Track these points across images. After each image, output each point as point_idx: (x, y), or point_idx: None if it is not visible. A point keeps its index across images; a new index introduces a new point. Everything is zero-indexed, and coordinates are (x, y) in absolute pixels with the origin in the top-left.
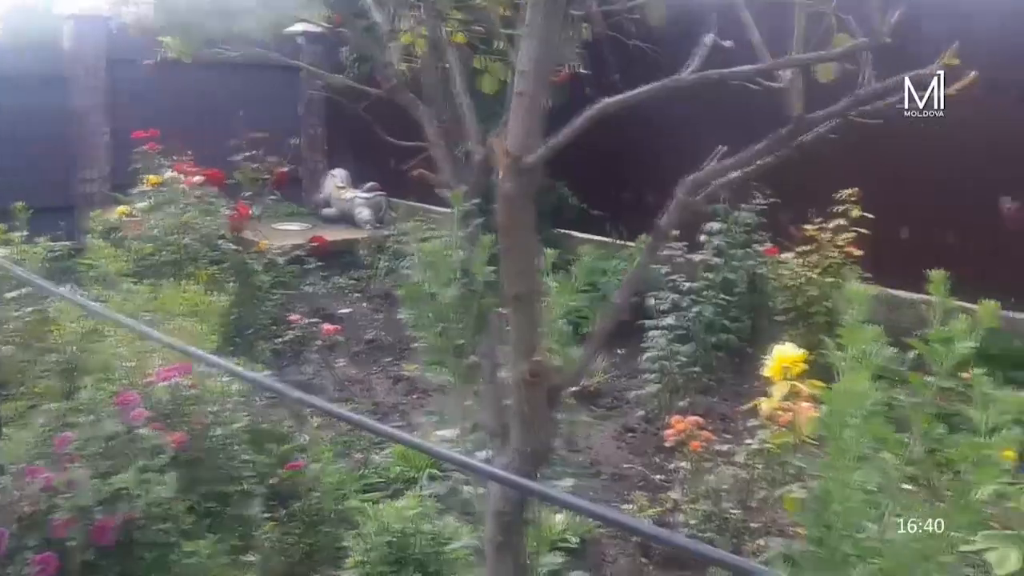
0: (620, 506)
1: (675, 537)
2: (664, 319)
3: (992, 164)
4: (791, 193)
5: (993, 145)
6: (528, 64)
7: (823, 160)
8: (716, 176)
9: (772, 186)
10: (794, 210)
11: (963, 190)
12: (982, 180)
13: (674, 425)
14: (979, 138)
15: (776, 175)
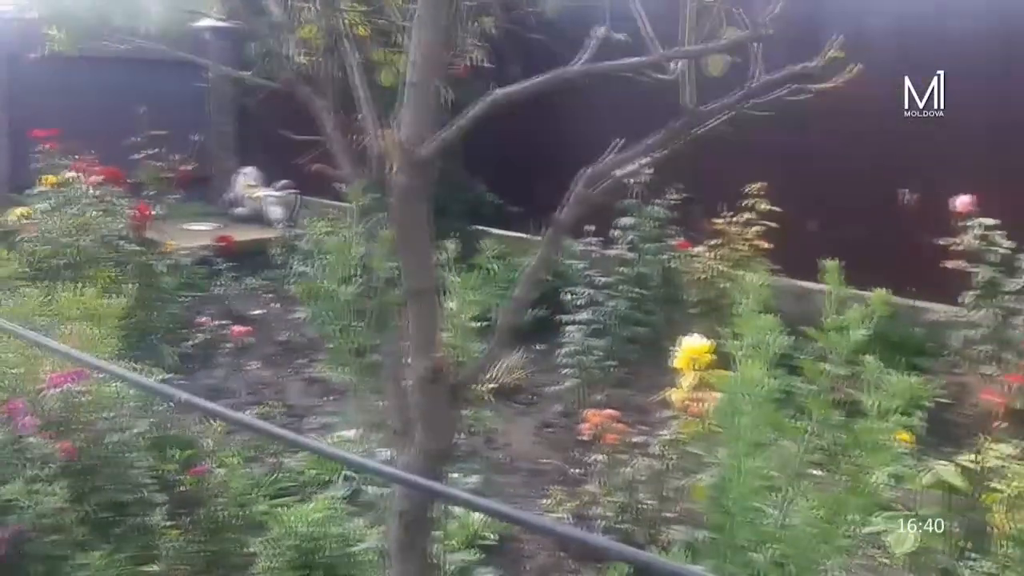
0: (538, 501)
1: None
2: (580, 314)
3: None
4: (702, 188)
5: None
6: (419, 55)
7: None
8: (614, 169)
9: (684, 181)
10: (705, 205)
11: (865, 183)
12: (882, 173)
13: (589, 419)
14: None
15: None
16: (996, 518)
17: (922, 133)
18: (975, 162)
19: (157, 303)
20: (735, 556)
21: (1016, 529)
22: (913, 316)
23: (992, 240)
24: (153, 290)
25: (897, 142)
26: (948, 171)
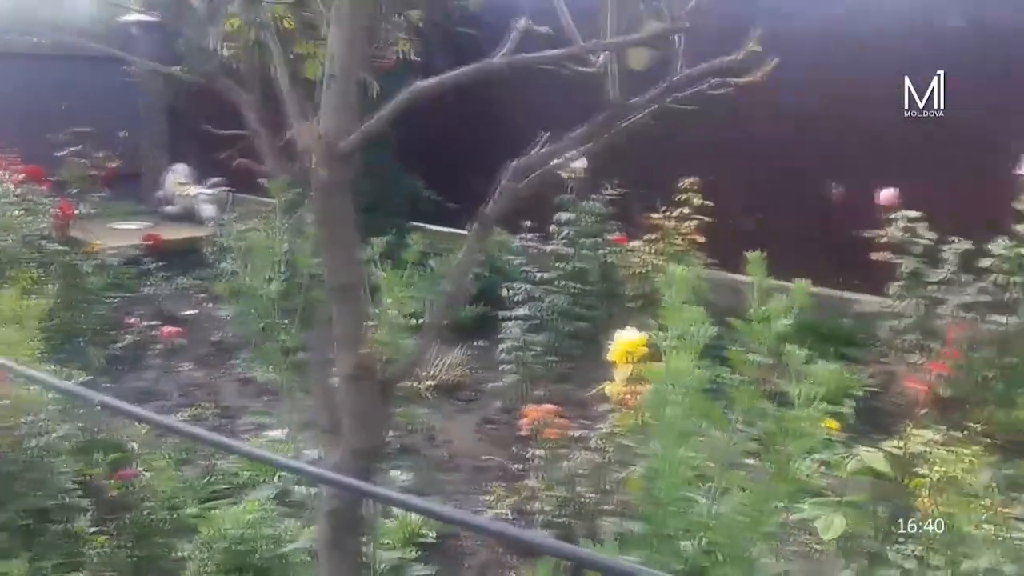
0: (479, 497)
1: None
2: (519, 310)
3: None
4: (639, 183)
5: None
6: (338, 46)
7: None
8: (542, 162)
9: (621, 177)
10: (642, 199)
11: (796, 177)
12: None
13: (528, 414)
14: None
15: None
16: (921, 502)
17: (849, 128)
18: (899, 156)
19: (83, 304)
20: (665, 546)
21: (940, 512)
22: (843, 307)
23: (916, 232)
24: (78, 291)
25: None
26: (874, 164)
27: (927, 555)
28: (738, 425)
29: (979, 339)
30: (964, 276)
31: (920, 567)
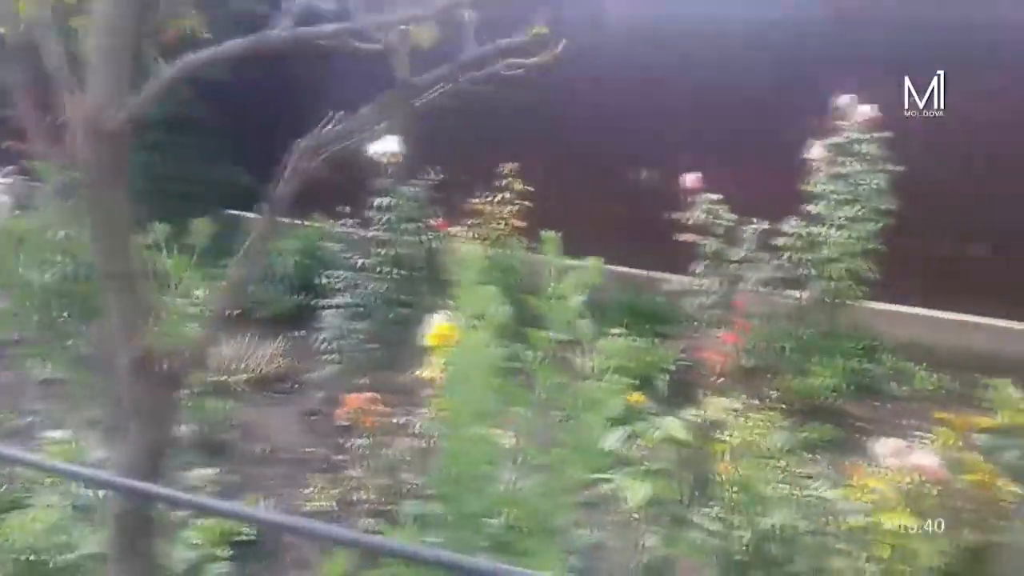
0: (300, 491)
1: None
2: (340, 297)
3: (637, 138)
4: (460, 168)
5: (636, 121)
6: (104, 17)
7: (489, 136)
8: (332, 141)
9: (442, 162)
10: (463, 184)
11: (613, 164)
12: (628, 153)
13: (348, 403)
14: (624, 115)
15: (445, 151)
16: (721, 467)
17: (661, 115)
18: (702, 142)
19: None
20: (466, 525)
21: (739, 475)
22: (656, 287)
23: (717, 214)
24: None
25: (639, 124)
26: (681, 150)
27: (728, 515)
28: (539, 400)
29: (774, 312)
30: (762, 254)
31: (723, 528)
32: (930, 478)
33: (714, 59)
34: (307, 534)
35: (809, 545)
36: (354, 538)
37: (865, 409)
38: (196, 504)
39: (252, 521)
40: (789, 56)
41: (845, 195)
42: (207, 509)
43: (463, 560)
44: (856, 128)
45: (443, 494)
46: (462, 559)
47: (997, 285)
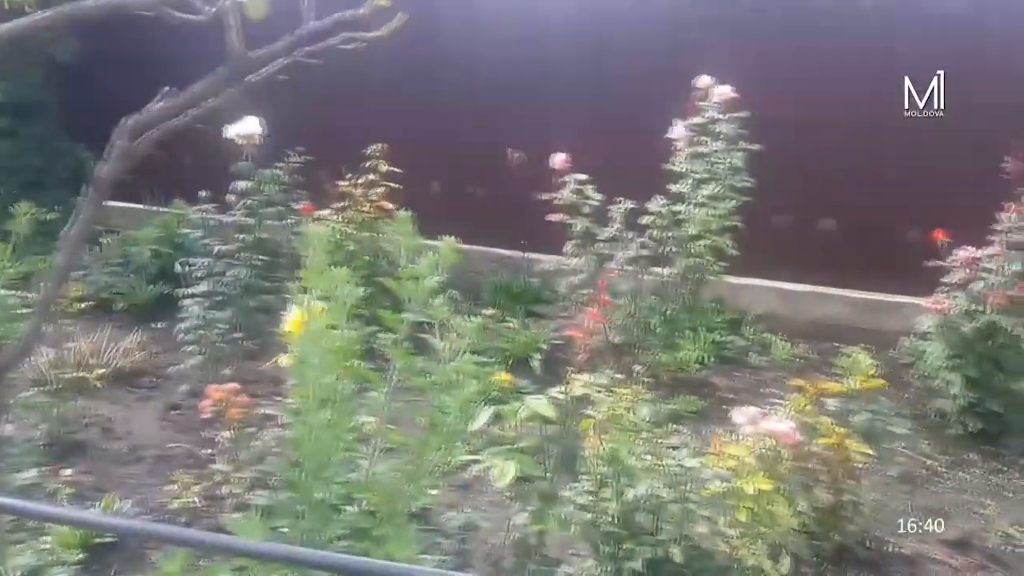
0: (162, 488)
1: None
2: (200, 286)
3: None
4: (326, 149)
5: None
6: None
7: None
8: (160, 120)
9: (310, 144)
10: (330, 167)
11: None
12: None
13: (211, 395)
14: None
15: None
16: (589, 442)
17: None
18: (572, 122)
19: None
20: (317, 514)
21: (606, 449)
22: (530, 267)
23: (585, 194)
24: None
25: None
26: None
27: (597, 489)
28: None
29: (641, 289)
30: (628, 233)
31: (592, 501)
32: (784, 443)
33: (581, 39)
34: (134, 534)
35: (674, 513)
36: (184, 536)
37: (729, 380)
38: (24, 510)
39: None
40: (655, 36)
41: (704, 174)
42: (37, 515)
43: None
44: (715, 108)
45: (292, 483)
46: (297, 551)
47: (849, 258)
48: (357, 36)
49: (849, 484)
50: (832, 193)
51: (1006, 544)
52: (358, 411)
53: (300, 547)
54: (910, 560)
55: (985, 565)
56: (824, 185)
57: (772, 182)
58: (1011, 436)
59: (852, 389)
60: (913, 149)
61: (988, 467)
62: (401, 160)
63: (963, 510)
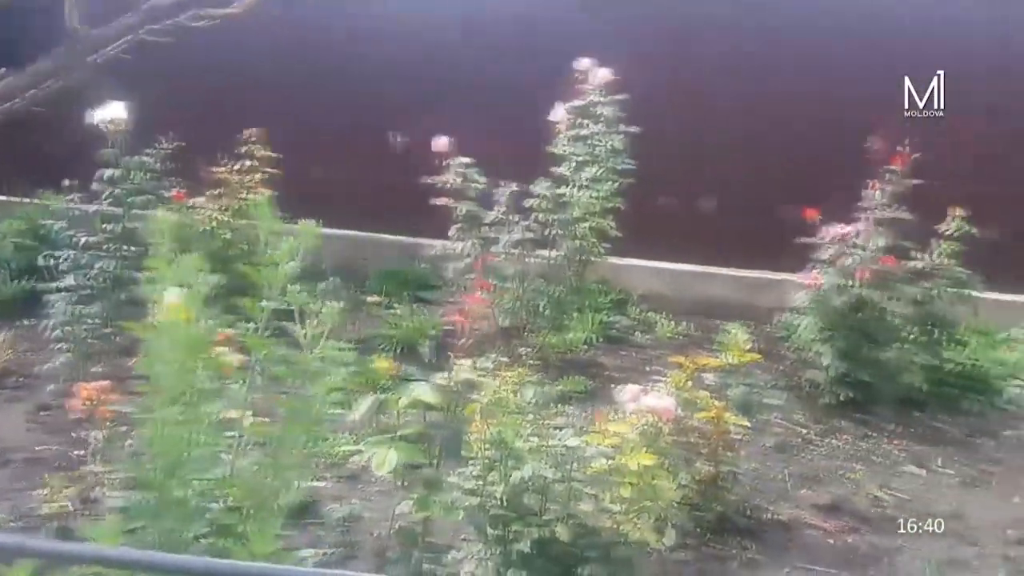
0: (31, 493)
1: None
2: (66, 280)
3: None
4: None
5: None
6: None
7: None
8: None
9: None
10: (208, 154)
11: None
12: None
13: (81, 394)
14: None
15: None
16: (474, 426)
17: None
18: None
19: None
20: (175, 512)
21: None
22: (417, 252)
23: (470, 177)
24: None
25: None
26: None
27: (485, 474)
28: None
29: (527, 272)
30: (513, 216)
31: (478, 484)
32: (664, 418)
33: (465, 20)
34: None
35: (560, 492)
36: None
37: (616, 359)
38: None
39: None
40: (538, 18)
41: (586, 156)
42: None
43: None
44: (595, 91)
45: (147, 482)
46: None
47: (729, 237)
48: (206, 14)
49: (728, 456)
50: (712, 175)
51: (874, 506)
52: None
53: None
54: (786, 526)
55: (856, 527)
56: (704, 167)
57: (654, 164)
58: (878, 404)
59: (729, 364)
60: (788, 130)
61: (857, 434)
62: (283, 146)
63: (835, 476)
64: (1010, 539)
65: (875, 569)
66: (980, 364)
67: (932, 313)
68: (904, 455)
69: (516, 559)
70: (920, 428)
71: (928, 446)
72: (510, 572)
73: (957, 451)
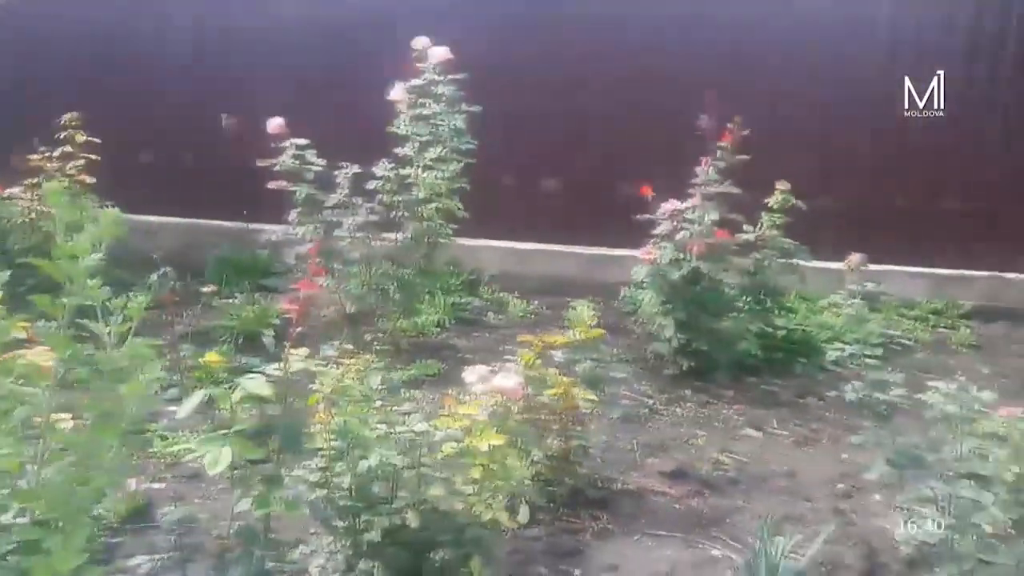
0: None
1: None
2: None
3: (218, 83)
4: (19, 123)
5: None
6: None
7: (49, 84)
8: None
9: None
10: (17, 141)
11: (194, 110)
12: (210, 99)
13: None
14: (203, 58)
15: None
16: (318, 417)
17: (244, 58)
18: (289, 86)
19: None
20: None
21: (336, 423)
22: (256, 239)
23: (307, 159)
24: None
25: (220, 67)
26: (268, 96)
27: (329, 465)
28: (59, 377)
29: (373, 255)
30: (356, 198)
31: (325, 476)
32: (513, 397)
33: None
34: None
35: (409, 479)
36: None
37: (468, 340)
38: None
39: None
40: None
41: (428, 136)
42: None
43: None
44: (433, 70)
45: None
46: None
47: (574, 215)
48: None
49: (577, 430)
50: (556, 154)
51: (716, 470)
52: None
53: None
54: (635, 494)
55: (700, 491)
56: (549, 147)
57: (499, 144)
58: (718, 371)
59: (575, 340)
60: (625, 109)
61: (699, 401)
62: (108, 131)
63: (679, 443)
64: (839, 493)
65: (717, 529)
66: (808, 329)
67: (763, 283)
68: (742, 419)
69: (367, 549)
70: (756, 392)
71: (763, 409)
72: (361, 563)
73: (790, 412)
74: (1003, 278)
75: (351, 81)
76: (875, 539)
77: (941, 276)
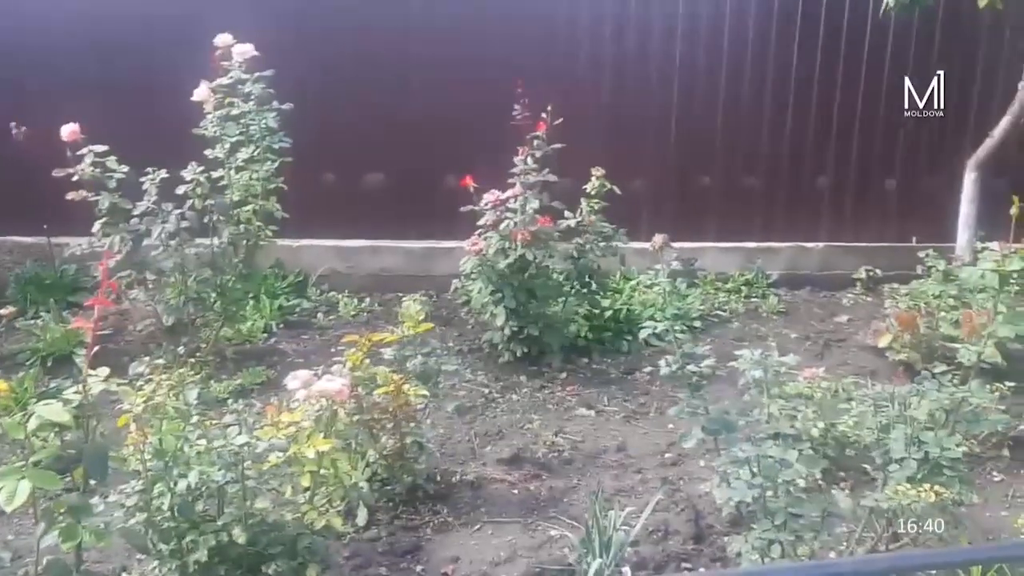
0: None
1: None
2: None
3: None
4: None
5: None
6: None
7: None
8: None
9: None
10: None
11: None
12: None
13: None
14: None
15: None
16: (130, 438)
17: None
18: (84, 91)
19: None
20: None
21: (151, 443)
22: (58, 254)
23: (108, 166)
24: None
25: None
26: (63, 102)
27: (149, 488)
28: None
29: (187, 264)
30: (166, 205)
31: (142, 499)
32: (339, 400)
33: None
34: None
35: (234, 494)
36: None
37: (298, 344)
38: None
39: None
40: None
41: (239, 137)
42: None
43: None
44: (239, 68)
45: None
46: None
47: (399, 209)
48: None
49: (411, 427)
50: (375, 149)
51: (552, 452)
52: None
53: None
54: (474, 485)
55: (537, 474)
56: (367, 141)
57: (315, 141)
58: (549, 355)
59: (405, 336)
60: (445, 100)
61: (534, 386)
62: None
63: (516, 429)
64: (667, 462)
65: (555, 509)
66: (633, 308)
67: (587, 266)
68: (575, 400)
69: (194, 571)
70: (587, 373)
71: (594, 388)
72: None
73: (619, 389)
74: (803, 247)
75: (156, 82)
76: (700, 503)
77: (750, 249)
